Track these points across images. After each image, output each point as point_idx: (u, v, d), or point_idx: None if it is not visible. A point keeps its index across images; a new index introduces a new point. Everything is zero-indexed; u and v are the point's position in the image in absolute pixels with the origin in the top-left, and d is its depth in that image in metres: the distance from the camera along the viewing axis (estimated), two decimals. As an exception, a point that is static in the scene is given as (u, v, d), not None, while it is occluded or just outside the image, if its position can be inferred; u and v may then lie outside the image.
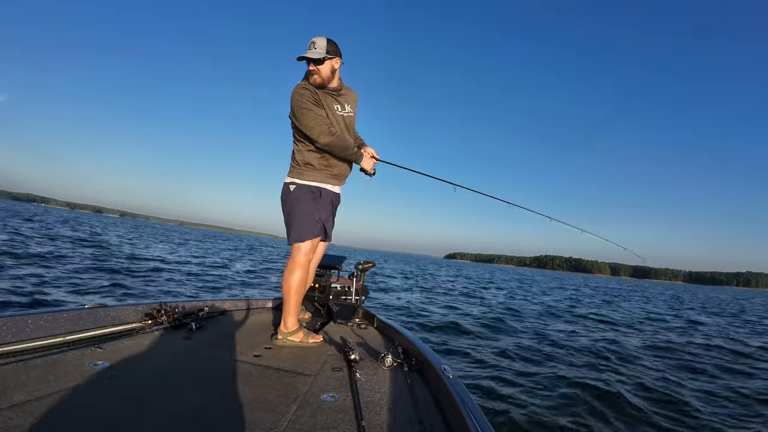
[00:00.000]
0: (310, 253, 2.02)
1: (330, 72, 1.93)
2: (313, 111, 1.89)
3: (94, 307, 1.78)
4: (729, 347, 6.74)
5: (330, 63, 1.92)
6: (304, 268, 1.99)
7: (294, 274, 1.96)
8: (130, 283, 7.03)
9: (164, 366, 1.45)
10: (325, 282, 2.71)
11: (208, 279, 9.22)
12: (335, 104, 2.01)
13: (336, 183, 2.11)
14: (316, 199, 2.00)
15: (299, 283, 1.97)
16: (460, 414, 1.15)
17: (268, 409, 1.19)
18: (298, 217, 1.98)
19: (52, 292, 5.32)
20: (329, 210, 2.08)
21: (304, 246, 1.97)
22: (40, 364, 1.31)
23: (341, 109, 2.04)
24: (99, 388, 1.20)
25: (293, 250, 1.99)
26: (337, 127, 1.98)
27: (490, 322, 7.28)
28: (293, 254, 1.98)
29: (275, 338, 1.94)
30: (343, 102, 2.06)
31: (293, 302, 1.96)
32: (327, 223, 2.08)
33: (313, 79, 1.92)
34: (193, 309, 2.18)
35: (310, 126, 1.88)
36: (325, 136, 1.89)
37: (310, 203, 1.99)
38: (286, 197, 2.03)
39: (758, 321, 12.80)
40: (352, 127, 2.15)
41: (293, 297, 1.96)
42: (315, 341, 1.97)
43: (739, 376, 4.88)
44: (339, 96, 2.04)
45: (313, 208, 1.99)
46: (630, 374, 4.44)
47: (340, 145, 1.94)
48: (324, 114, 1.93)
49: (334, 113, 2.00)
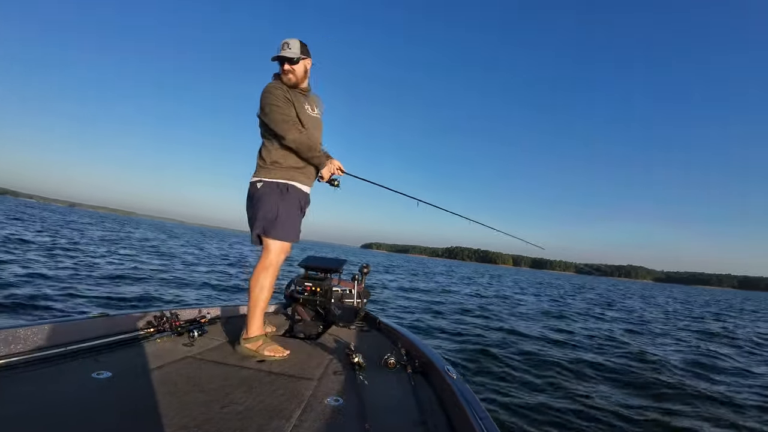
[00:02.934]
0: (280, 251, 1.92)
1: (303, 72, 1.97)
2: (282, 108, 1.89)
3: (96, 316, 1.78)
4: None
5: (303, 63, 1.95)
6: (273, 267, 1.90)
7: (260, 273, 1.88)
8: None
9: (167, 373, 1.45)
10: (326, 285, 2.71)
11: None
12: (306, 104, 2.01)
13: (304, 182, 2.04)
14: (283, 193, 1.94)
15: (262, 283, 1.87)
16: (465, 415, 1.15)
17: (272, 414, 1.19)
18: (270, 216, 1.90)
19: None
20: (297, 207, 2.00)
21: (273, 244, 1.90)
22: (43, 375, 1.31)
23: (311, 110, 2.04)
24: (102, 397, 1.20)
25: (264, 248, 1.92)
26: (307, 127, 1.97)
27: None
28: (264, 253, 1.91)
29: (236, 344, 1.87)
30: (312, 104, 2.07)
31: (253, 305, 1.87)
32: (297, 221, 2.01)
33: (288, 79, 1.94)
34: (195, 316, 2.17)
35: (278, 122, 1.86)
36: (292, 132, 1.87)
37: (277, 199, 1.92)
38: (252, 195, 1.97)
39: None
40: (320, 131, 2.13)
41: (257, 299, 1.87)
42: (271, 354, 1.80)
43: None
44: (308, 98, 2.05)
45: (280, 204, 1.92)
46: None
47: (307, 144, 1.91)
48: (294, 113, 1.93)
49: (304, 112, 1.99)
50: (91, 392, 1.22)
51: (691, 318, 12.35)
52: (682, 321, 11.04)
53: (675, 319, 11.58)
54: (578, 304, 13.68)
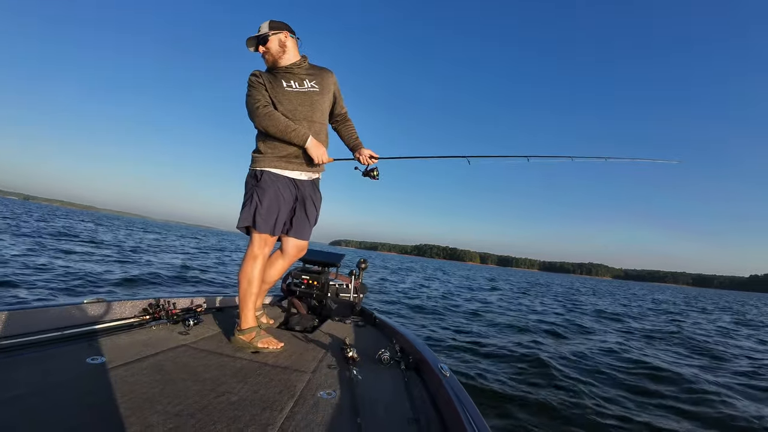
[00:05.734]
0: (261, 242, 1.86)
1: (278, 46, 1.87)
2: (253, 96, 1.82)
3: (92, 301, 1.78)
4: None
5: (276, 37, 1.87)
6: (256, 257, 1.86)
7: (244, 263, 1.87)
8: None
9: (161, 361, 1.45)
10: (323, 279, 2.71)
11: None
12: (286, 81, 1.88)
13: (287, 167, 1.89)
14: (258, 182, 1.86)
15: (247, 273, 1.85)
16: (456, 412, 1.15)
17: (265, 405, 1.19)
18: (246, 205, 1.86)
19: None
20: (275, 195, 1.86)
21: (254, 235, 1.86)
22: (37, 358, 1.31)
23: (298, 85, 1.89)
24: (96, 382, 1.20)
25: (250, 239, 1.90)
26: (285, 105, 1.86)
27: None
28: (249, 243, 1.89)
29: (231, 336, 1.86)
30: (302, 78, 1.92)
31: (242, 297, 1.86)
32: (278, 210, 1.88)
33: (266, 60, 1.90)
34: (190, 305, 2.18)
35: (248, 111, 1.83)
36: (258, 117, 1.80)
37: (251, 188, 1.87)
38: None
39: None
40: (316, 104, 1.94)
41: (245, 291, 1.85)
42: (265, 346, 1.77)
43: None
44: (293, 72, 1.91)
45: (254, 193, 1.84)
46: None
47: (272, 123, 1.79)
48: (265, 96, 1.84)
49: (281, 90, 1.86)
50: (86, 377, 1.22)
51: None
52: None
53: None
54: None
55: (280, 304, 2.80)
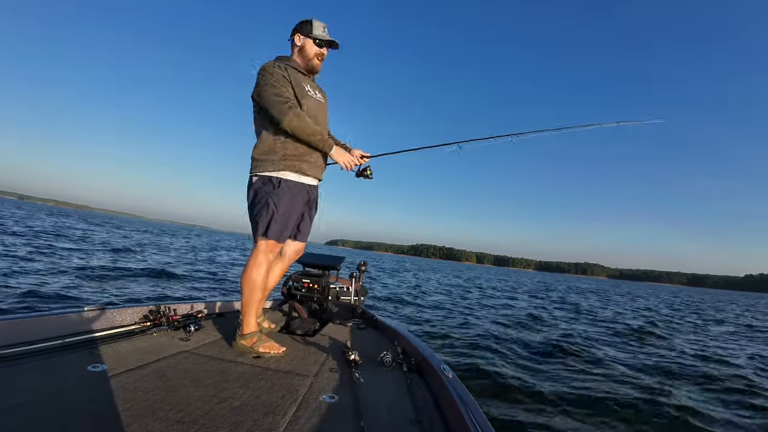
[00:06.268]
0: (268, 250, 1.83)
1: (321, 55, 1.91)
2: (277, 89, 1.73)
3: (92, 309, 1.78)
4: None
5: (293, 39, 1.90)
6: (261, 265, 1.82)
7: (249, 270, 1.82)
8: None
9: (163, 368, 1.44)
10: (324, 282, 2.71)
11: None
12: (309, 87, 1.87)
13: (306, 171, 1.86)
14: (275, 189, 1.81)
15: (252, 280, 1.82)
16: (460, 413, 1.15)
17: (267, 410, 1.19)
18: (260, 212, 1.81)
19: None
20: (292, 203, 1.83)
21: (261, 242, 1.82)
22: (39, 367, 1.30)
23: (315, 93, 1.91)
24: (98, 390, 1.19)
25: (256, 245, 1.87)
26: (308, 111, 1.83)
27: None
28: (254, 249, 1.86)
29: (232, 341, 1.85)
30: (315, 88, 1.93)
31: (245, 302, 1.84)
32: (291, 218, 1.85)
33: (308, 58, 1.89)
34: (191, 311, 2.17)
35: (273, 103, 1.71)
36: (289, 114, 1.70)
37: (265, 195, 1.81)
38: (248, 190, 1.88)
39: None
40: (323, 115, 1.96)
41: (248, 297, 1.83)
42: (266, 350, 1.76)
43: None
44: (312, 81, 1.95)
45: (269, 200, 1.79)
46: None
47: (303, 125, 1.73)
48: (290, 93, 1.78)
49: (305, 94, 1.83)
50: (87, 385, 1.22)
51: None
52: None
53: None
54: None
55: (281, 308, 2.79)
